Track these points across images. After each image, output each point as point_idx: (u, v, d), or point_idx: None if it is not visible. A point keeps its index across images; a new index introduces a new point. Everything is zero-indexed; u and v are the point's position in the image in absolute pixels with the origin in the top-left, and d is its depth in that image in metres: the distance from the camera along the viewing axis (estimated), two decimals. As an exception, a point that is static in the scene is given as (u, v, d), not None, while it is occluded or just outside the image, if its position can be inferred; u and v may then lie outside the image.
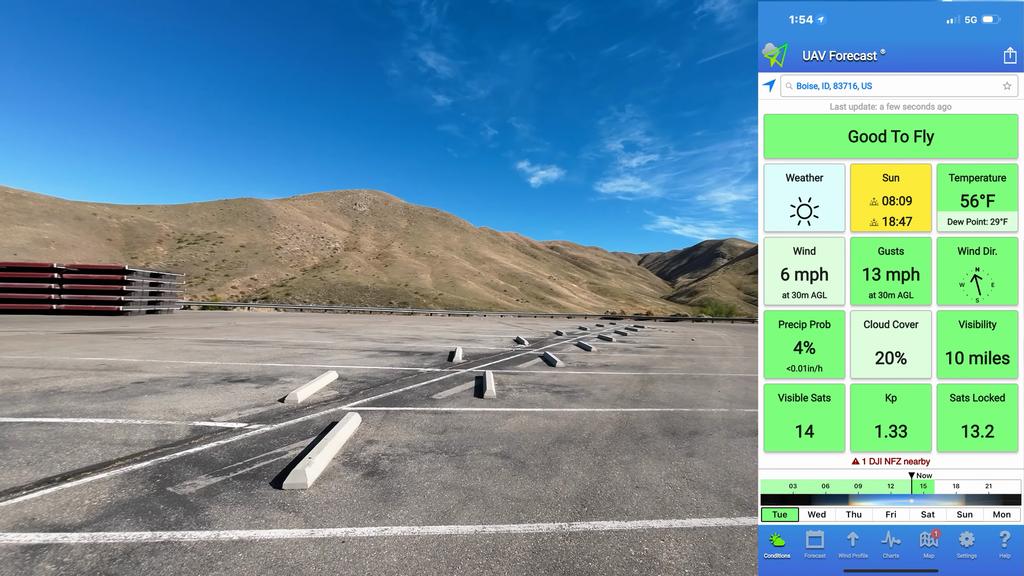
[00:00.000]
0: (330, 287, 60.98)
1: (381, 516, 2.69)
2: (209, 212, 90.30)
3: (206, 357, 8.99)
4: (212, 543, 2.36)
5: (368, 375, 7.49)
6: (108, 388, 5.91)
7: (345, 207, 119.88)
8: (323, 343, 12.34)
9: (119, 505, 2.73)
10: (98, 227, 69.25)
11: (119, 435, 4.03)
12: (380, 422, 4.72)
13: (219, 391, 5.93)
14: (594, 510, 2.84)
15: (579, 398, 6.18)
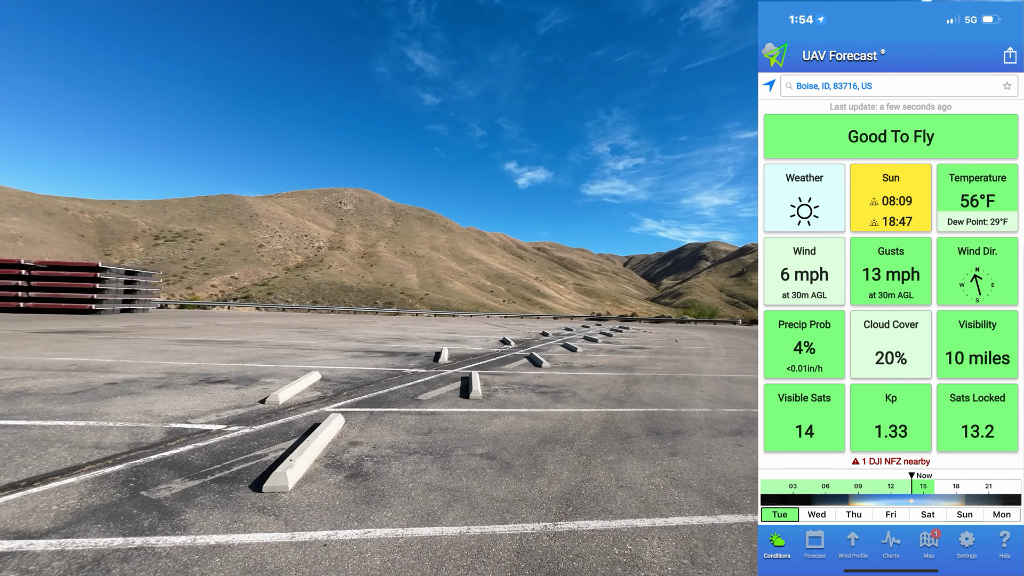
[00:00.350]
0: (314, 287, 60.00)
1: (364, 518, 2.65)
2: (188, 208, 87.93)
3: (183, 357, 8.74)
4: (188, 548, 2.28)
5: (352, 376, 7.38)
6: (79, 389, 5.69)
7: (330, 205, 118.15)
8: (306, 343, 12.12)
9: (89, 510, 2.62)
10: (70, 222, 66.78)
11: (90, 438, 3.88)
12: (364, 423, 4.66)
13: (197, 392, 5.77)
14: (579, 510, 2.86)
15: (565, 398, 6.20)
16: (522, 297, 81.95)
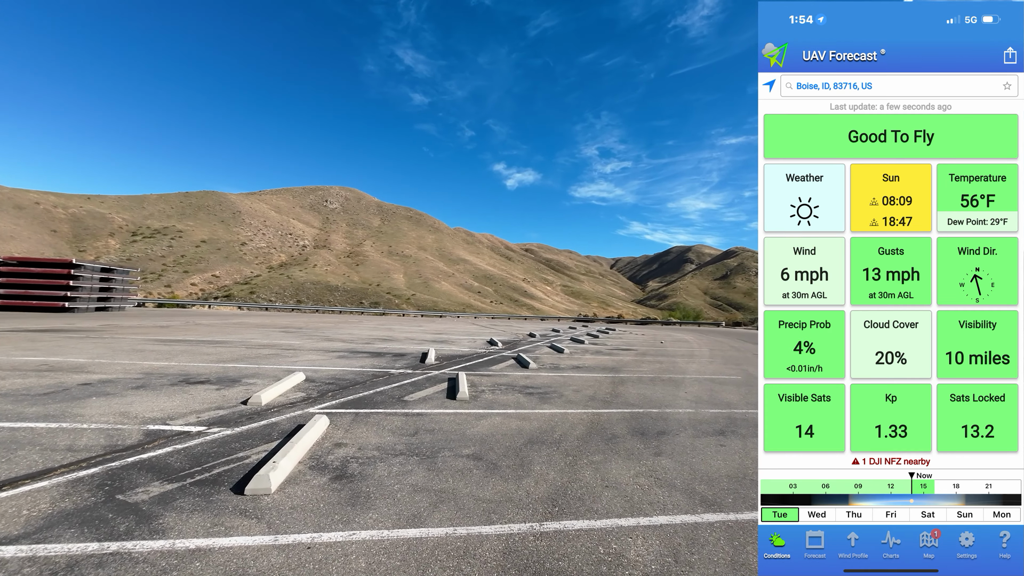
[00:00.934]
0: (298, 286, 59.01)
1: (349, 520, 2.62)
2: (167, 204, 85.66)
3: (162, 357, 8.51)
4: (167, 553, 2.22)
5: (337, 376, 7.28)
6: (50, 390, 5.49)
7: (315, 203, 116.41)
8: (290, 343, 11.92)
9: (62, 515, 2.53)
10: (41, 217, 64.42)
11: (62, 440, 3.75)
12: (349, 424, 4.60)
13: (176, 393, 5.62)
14: (565, 510, 2.88)
15: (551, 399, 6.22)
16: (509, 298, 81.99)
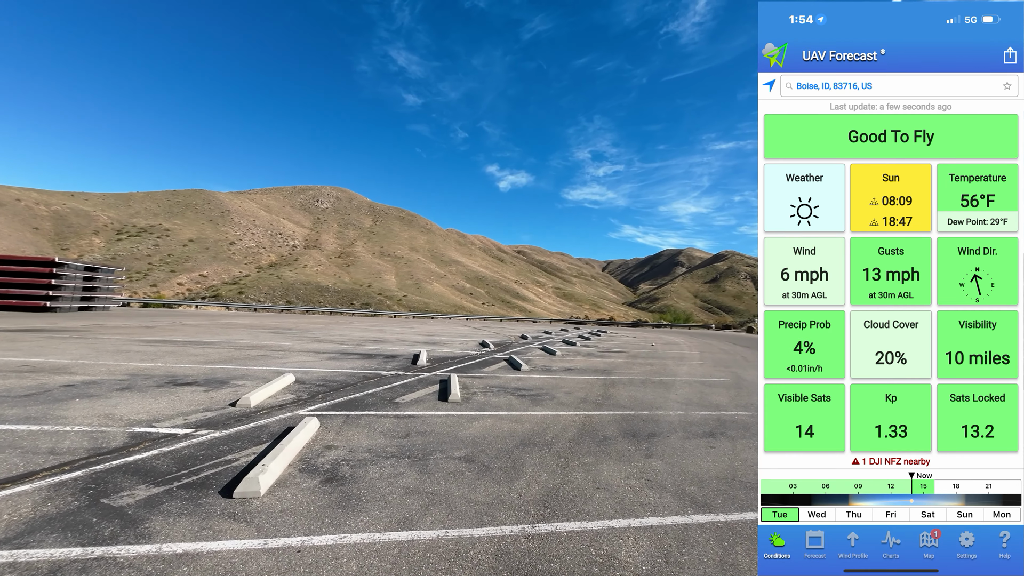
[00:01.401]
0: (288, 286, 58.36)
1: (340, 523, 2.59)
2: (154, 202, 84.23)
3: (148, 358, 8.36)
4: (153, 557, 2.18)
5: (327, 378, 7.21)
6: (32, 391, 5.36)
7: (306, 203, 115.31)
8: (279, 344, 11.78)
9: (44, 519, 2.46)
10: (22, 214, 62.92)
11: (44, 443, 3.66)
12: (340, 427, 4.56)
13: (162, 395, 5.52)
14: (556, 511, 2.88)
15: (543, 402, 6.22)
16: (501, 300, 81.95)
